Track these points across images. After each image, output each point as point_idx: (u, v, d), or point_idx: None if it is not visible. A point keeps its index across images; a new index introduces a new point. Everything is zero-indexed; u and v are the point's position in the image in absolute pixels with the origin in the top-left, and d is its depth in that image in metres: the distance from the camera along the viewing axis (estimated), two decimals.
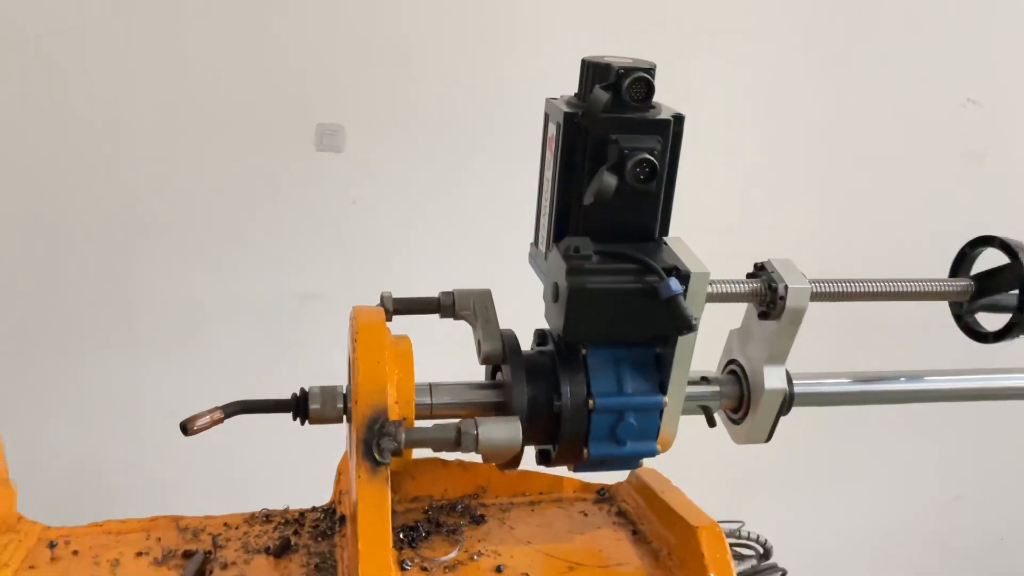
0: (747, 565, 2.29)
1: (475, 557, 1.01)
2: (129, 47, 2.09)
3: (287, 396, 1.00)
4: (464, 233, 2.36)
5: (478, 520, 1.10)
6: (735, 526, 2.30)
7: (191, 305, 2.24)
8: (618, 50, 1.07)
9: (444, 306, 1.07)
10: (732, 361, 1.13)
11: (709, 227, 1.61)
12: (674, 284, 0.92)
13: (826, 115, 2.56)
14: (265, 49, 2.14)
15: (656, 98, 0.97)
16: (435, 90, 2.27)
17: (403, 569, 0.97)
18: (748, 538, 2.31)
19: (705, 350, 1.14)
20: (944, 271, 1.16)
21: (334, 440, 1.22)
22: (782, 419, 1.10)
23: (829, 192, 2.58)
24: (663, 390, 1.00)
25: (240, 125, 2.16)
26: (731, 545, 2.31)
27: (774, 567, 2.31)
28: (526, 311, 1.13)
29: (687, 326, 0.92)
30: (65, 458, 2.36)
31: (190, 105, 2.13)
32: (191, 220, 2.20)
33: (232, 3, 2.11)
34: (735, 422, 1.13)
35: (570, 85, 1.03)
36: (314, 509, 1.13)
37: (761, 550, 2.33)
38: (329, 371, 1.39)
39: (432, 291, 1.09)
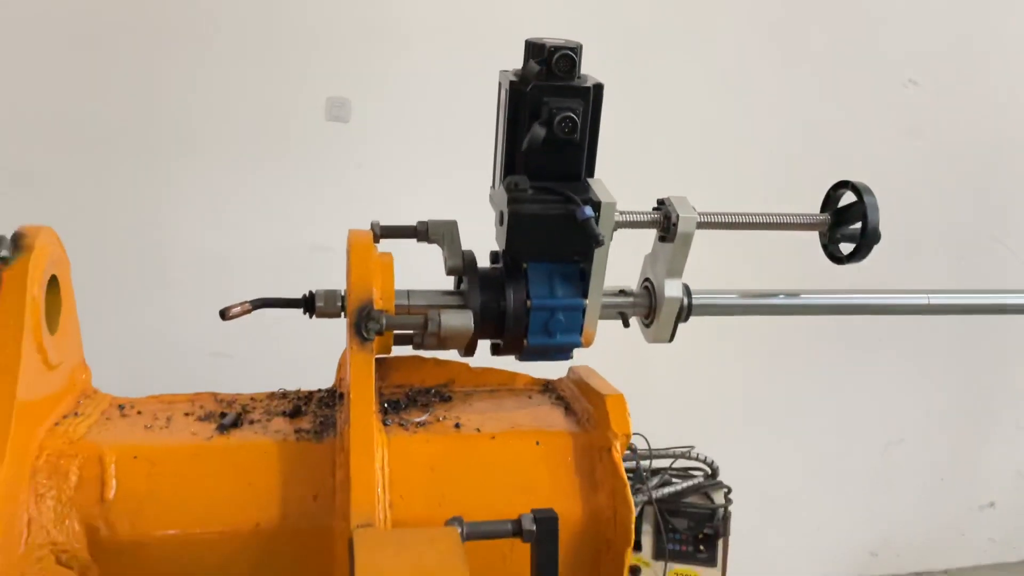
0: (695, 481, 2.59)
1: (441, 419, 1.30)
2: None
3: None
4: (449, 189, 2.65)
5: (446, 399, 1.39)
6: (686, 449, 2.61)
7: (217, 254, 2.53)
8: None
9: (420, 231, 1.36)
10: (646, 279, 1.41)
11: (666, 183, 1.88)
12: (587, 210, 1.20)
13: (778, 93, 2.84)
14: (283, 30, 2.44)
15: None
16: (428, 70, 2.56)
17: (385, 425, 1.26)
18: (697, 459, 2.61)
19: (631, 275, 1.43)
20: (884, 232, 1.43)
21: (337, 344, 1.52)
22: (744, 366, 1.39)
23: (776, 161, 2.85)
24: (584, 295, 1.29)
25: (260, 99, 2.45)
26: (682, 467, 2.61)
27: (719, 484, 2.61)
28: (488, 242, 1.43)
29: (597, 242, 1.20)
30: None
31: (217, 80, 2.43)
32: (216, 182, 2.50)
33: None
34: (647, 326, 1.41)
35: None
36: (319, 390, 1.42)
37: (709, 470, 2.64)
38: None
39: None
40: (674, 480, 2.54)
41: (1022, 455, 3.57)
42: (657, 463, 2.57)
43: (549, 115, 1.22)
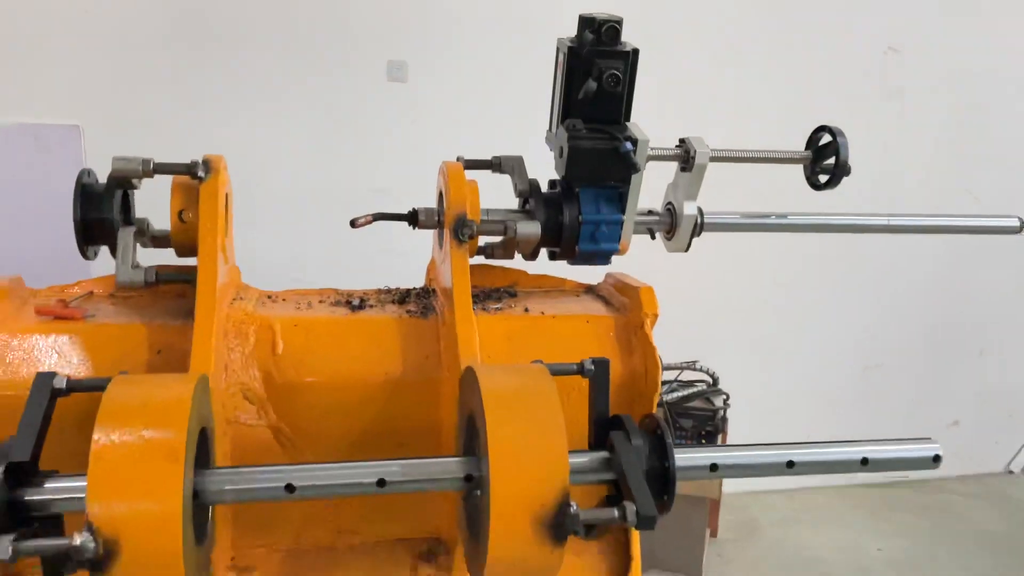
0: (699, 388, 2.98)
1: (511, 307, 1.67)
2: None
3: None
4: (490, 144, 2.99)
5: (513, 295, 1.74)
6: (692, 362, 2.99)
7: (293, 194, 2.89)
8: (610, 8, 1.68)
9: (494, 164, 1.72)
10: (668, 203, 1.77)
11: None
12: (628, 145, 1.56)
13: (770, 59, 3.16)
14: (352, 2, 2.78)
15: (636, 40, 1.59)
16: (474, 39, 2.89)
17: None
18: (701, 370, 3.00)
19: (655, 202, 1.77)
20: (868, 182, 1.76)
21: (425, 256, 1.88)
22: (744, 297, 1.74)
23: (771, 119, 3.18)
24: (622, 212, 1.64)
25: (333, 61, 2.79)
26: (688, 378, 3.00)
27: (719, 391, 3.00)
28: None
29: (635, 169, 1.56)
30: None
31: (299, 45, 2.77)
32: (294, 132, 2.84)
33: None
34: (668, 239, 1.77)
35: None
36: (415, 288, 1.78)
37: (711, 380, 3.02)
38: None
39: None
40: (682, 387, 2.93)
41: (983, 380, 3.94)
42: (668, 375, 2.95)
43: (599, 73, 1.56)
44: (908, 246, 3.56)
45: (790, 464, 1.38)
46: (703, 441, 2.83)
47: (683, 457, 1.32)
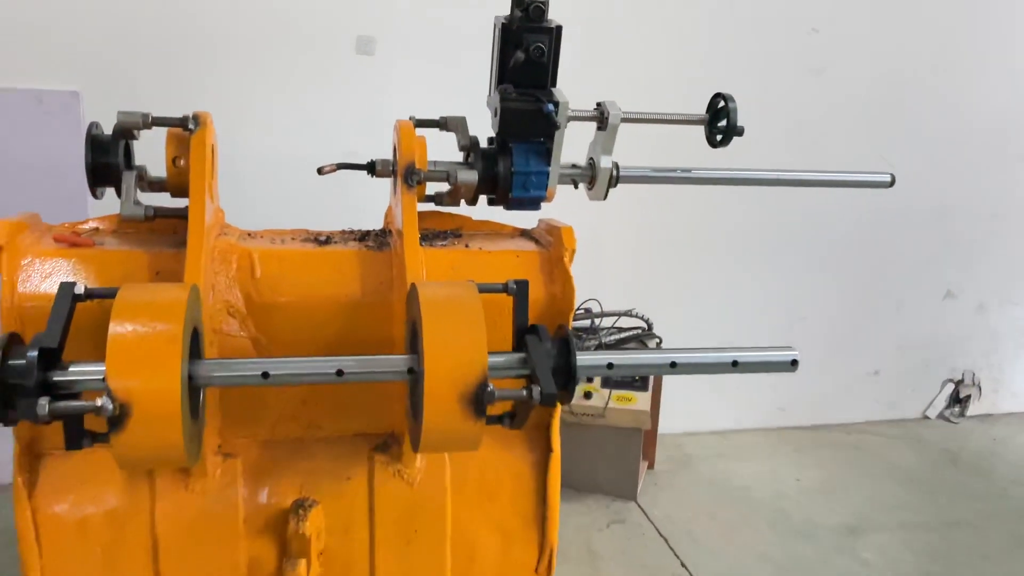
0: (635, 333, 3.27)
1: (455, 244, 1.94)
2: None
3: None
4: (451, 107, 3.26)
5: (458, 236, 2.02)
6: (628, 310, 3.28)
7: (272, 157, 3.13)
8: None
9: (441, 123, 1.98)
10: (590, 158, 2.04)
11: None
12: (550, 106, 1.82)
13: (701, 39, 3.43)
14: None
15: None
16: (436, 16, 3.14)
17: (421, 244, 1.89)
18: (637, 316, 3.29)
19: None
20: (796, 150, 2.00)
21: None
22: (680, 253, 2.01)
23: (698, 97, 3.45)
24: (548, 164, 1.91)
25: (306, 36, 3.03)
26: (625, 326, 3.29)
27: (653, 335, 3.30)
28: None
29: (556, 127, 1.82)
30: None
31: (276, 20, 3.01)
32: (272, 100, 3.08)
33: None
34: (589, 189, 2.04)
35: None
36: (374, 229, 2.05)
37: (646, 325, 3.32)
38: None
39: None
40: (619, 332, 3.22)
41: (900, 332, 4.27)
42: (607, 321, 3.24)
43: (527, 45, 1.83)
44: (831, 207, 3.88)
45: (673, 364, 1.66)
46: (636, 379, 3.13)
47: (584, 357, 1.59)
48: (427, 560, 1.84)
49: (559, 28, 1.85)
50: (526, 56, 1.82)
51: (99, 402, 1.28)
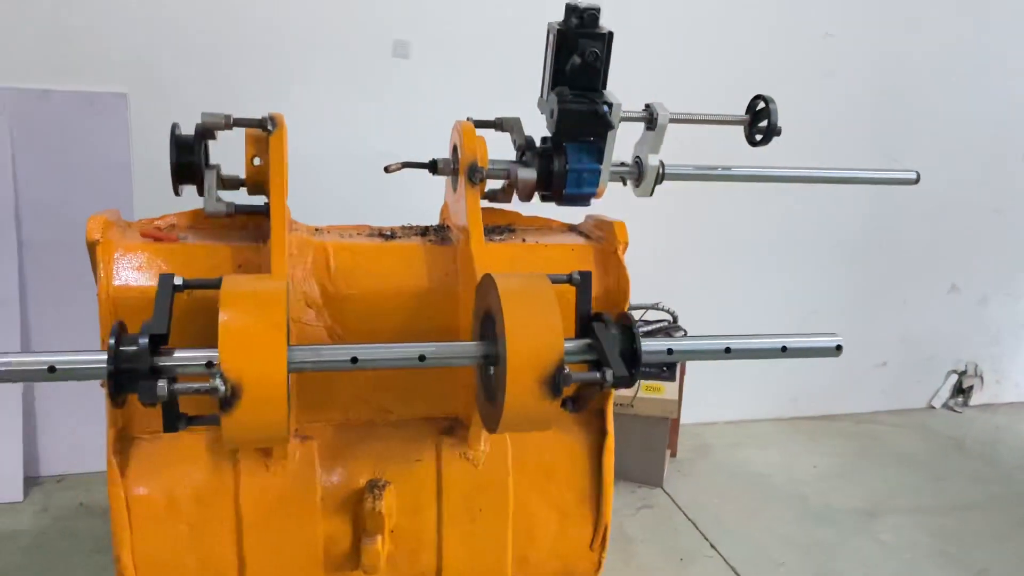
0: (661, 325, 3.36)
1: (512, 239, 2.02)
2: None
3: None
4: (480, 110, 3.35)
5: (512, 231, 2.10)
6: (656, 303, 3.37)
7: (311, 155, 3.19)
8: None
9: (497, 124, 2.06)
10: (636, 156, 2.13)
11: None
12: (604, 108, 1.91)
13: (724, 43, 3.53)
14: None
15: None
16: (471, 20, 3.22)
17: None
18: (663, 309, 3.38)
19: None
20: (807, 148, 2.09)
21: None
22: (704, 249, 2.09)
23: (721, 97, 3.55)
24: (600, 163, 2.00)
25: (345, 39, 3.11)
26: (651, 319, 3.38)
27: (678, 327, 3.39)
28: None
29: (610, 127, 1.91)
30: None
31: (322, 28, 3.08)
32: (312, 102, 3.15)
33: None
34: (636, 187, 2.13)
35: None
36: (431, 225, 2.13)
37: (671, 318, 3.41)
38: None
39: None
40: (646, 324, 3.31)
41: (906, 325, 4.38)
42: (635, 314, 3.32)
43: (582, 50, 1.91)
44: (840, 208, 3.98)
45: (728, 350, 1.76)
46: (664, 371, 3.22)
47: (647, 343, 1.68)
48: (490, 537, 1.92)
49: (611, 34, 1.94)
50: (582, 60, 1.90)
51: (214, 383, 1.36)
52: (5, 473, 2.99)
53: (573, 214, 2.15)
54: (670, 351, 1.73)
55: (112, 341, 1.41)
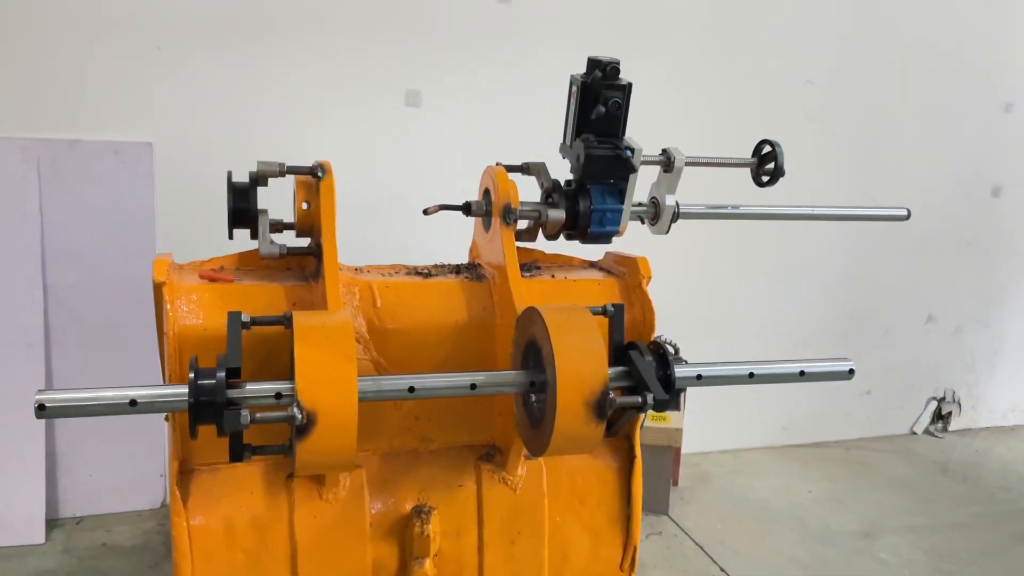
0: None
1: (540, 275, 2.13)
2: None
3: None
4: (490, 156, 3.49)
5: (538, 268, 2.22)
6: (658, 334, 3.48)
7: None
8: (593, 52, 2.17)
9: (523, 168, 2.19)
10: (653, 197, 2.26)
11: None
12: (627, 152, 2.05)
13: (715, 92, 3.72)
14: (375, 37, 3.23)
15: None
16: (482, 71, 3.37)
17: None
18: (665, 341, 3.49)
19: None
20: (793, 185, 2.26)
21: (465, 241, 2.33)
22: (701, 284, 2.21)
23: (714, 137, 3.74)
24: (622, 203, 2.13)
25: (359, 89, 3.24)
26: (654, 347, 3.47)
27: (680, 359, 3.50)
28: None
29: (631, 170, 2.04)
30: None
31: (335, 79, 3.21)
32: (331, 145, 3.26)
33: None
34: (652, 224, 2.26)
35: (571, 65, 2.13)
36: (461, 263, 2.24)
37: (673, 350, 3.52)
38: None
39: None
40: None
41: (888, 355, 4.54)
42: None
43: (605, 100, 2.05)
44: (825, 244, 4.16)
45: (751, 375, 1.88)
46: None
47: (679, 369, 1.80)
48: (528, 558, 2.00)
49: (630, 85, 2.08)
50: (605, 110, 2.04)
51: (292, 411, 1.44)
52: (27, 514, 3.00)
53: (586, 251, 2.26)
54: (699, 376, 1.84)
55: (192, 375, 1.48)
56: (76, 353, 3.03)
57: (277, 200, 1.99)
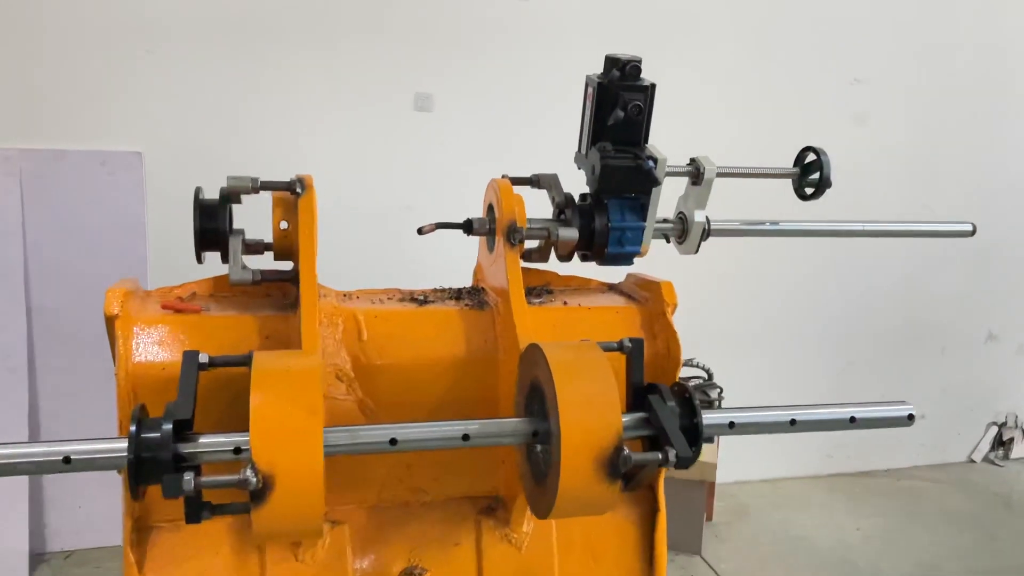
0: (697, 382, 3.24)
1: (551, 301, 1.92)
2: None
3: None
4: (502, 164, 3.28)
5: (550, 292, 2.00)
6: (689, 359, 3.25)
7: (334, 210, 3.13)
8: (618, 49, 1.95)
9: (533, 180, 1.97)
10: (680, 212, 2.03)
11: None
12: (650, 163, 1.82)
13: (760, 92, 3.47)
14: (389, 44, 3.04)
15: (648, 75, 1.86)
16: (493, 74, 3.17)
17: None
18: (698, 366, 3.26)
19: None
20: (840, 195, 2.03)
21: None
22: (737, 306, 2.00)
23: (759, 137, 3.49)
24: (643, 220, 1.90)
25: (368, 93, 3.05)
26: (685, 374, 3.25)
27: (714, 384, 3.26)
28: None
29: (654, 183, 1.82)
30: None
31: (342, 82, 3.03)
32: (338, 152, 3.09)
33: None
34: (680, 243, 2.03)
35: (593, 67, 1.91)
36: (464, 287, 2.03)
37: (706, 375, 3.29)
38: None
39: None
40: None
41: (945, 377, 4.25)
42: None
43: (624, 103, 1.83)
44: (878, 256, 3.88)
45: (792, 422, 1.64)
46: None
47: (707, 416, 1.56)
48: None
49: (653, 86, 1.85)
50: (624, 114, 1.82)
51: (244, 475, 1.24)
52: (9, 548, 2.86)
53: (607, 273, 2.05)
54: (732, 424, 1.61)
55: (133, 428, 1.30)
56: (62, 378, 2.89)
57: (265, 217, 1.79)
